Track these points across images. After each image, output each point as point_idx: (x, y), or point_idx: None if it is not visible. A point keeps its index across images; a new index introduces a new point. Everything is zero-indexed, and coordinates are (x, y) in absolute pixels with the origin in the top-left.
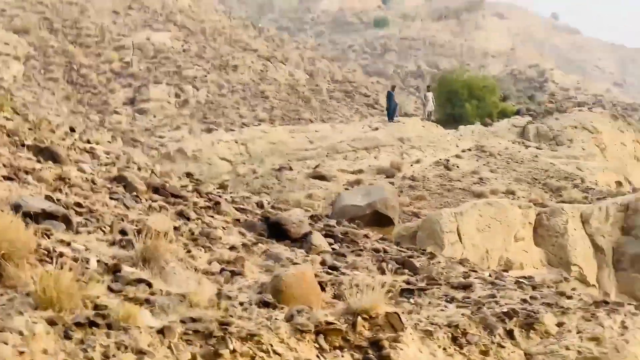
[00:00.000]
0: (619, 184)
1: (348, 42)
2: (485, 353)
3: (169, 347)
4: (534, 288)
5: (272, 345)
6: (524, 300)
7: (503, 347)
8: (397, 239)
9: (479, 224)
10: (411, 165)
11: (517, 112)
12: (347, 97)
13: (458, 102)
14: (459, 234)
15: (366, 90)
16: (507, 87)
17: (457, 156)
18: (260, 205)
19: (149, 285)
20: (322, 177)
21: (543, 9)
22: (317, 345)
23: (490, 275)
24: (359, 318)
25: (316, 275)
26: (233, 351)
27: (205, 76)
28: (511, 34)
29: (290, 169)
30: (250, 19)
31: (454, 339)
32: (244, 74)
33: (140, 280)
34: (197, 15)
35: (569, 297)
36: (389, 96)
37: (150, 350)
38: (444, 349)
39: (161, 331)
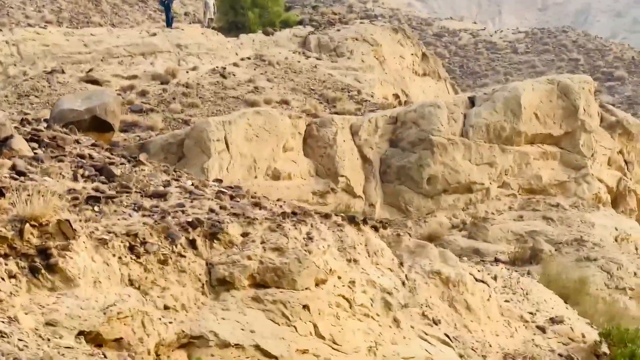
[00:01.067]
0: (396, 96)
1: None
2: (163, 262)
3: None
4: (232, 198)
5: None
6: (212, 210)
7: (184, 256)
8: (165, 147)
9: (247, 133)
10: (187, 72)
11: (300, 22)
12: (141, 2)
13: (240, 10)
14: (226, 143)
15: None
16: None
17: (235, 64)
18: None
19: None
20: (95, 82)
21: None
22: None
23: (192, 184)
24: (27, 225)
25: None
26: None
27: None
28: None
29: (63, 72)
30: None
31: (131, 248)
32: None
33: None
34: None
35: (261, 208)
36: (167, 2)
37: None
38: (120, 257)
39: None
